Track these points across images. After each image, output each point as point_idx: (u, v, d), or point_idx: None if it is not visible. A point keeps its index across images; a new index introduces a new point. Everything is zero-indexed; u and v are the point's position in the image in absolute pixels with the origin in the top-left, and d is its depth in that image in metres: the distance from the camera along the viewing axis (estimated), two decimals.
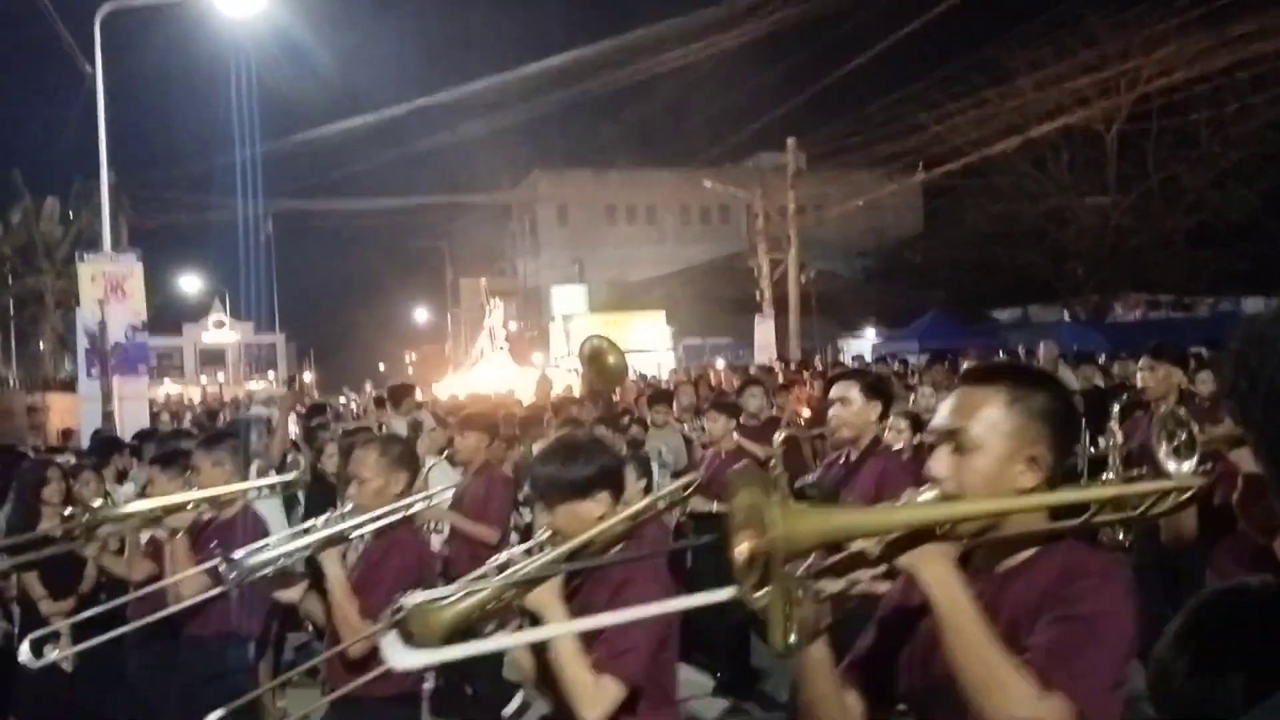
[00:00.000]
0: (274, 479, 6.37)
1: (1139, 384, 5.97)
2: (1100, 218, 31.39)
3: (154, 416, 18.75)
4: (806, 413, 10.28)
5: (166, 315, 46.06)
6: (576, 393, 13.80)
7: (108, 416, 16.36)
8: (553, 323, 31.83)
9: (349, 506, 4.03)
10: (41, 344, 38.56)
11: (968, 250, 33.07)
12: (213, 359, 56.13)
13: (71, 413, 23.05)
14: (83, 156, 21.61)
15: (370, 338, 66.61)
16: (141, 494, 7.09)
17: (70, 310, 26.65)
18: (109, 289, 17.45)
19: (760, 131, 29.25)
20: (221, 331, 56.29)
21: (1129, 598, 1.88)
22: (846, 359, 25.88)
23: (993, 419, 1.97)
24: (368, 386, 18.41)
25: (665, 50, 22.26)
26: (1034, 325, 29.99)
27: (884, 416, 5.07)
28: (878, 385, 5.08)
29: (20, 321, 38.61)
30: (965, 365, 2.23)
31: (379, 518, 3.97)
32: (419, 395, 16.46)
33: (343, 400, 23.07)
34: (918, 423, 6.68)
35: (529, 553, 3.06)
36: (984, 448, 1.95)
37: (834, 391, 5.05)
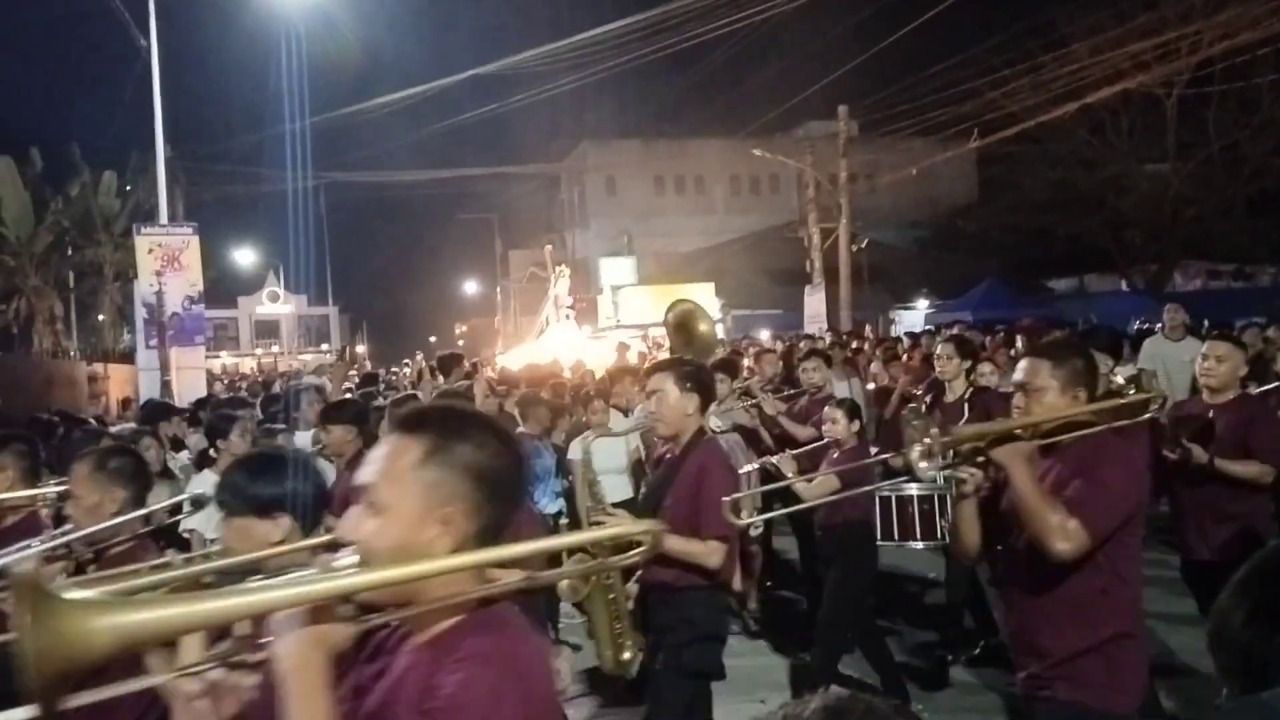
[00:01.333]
0: (50, 488, 5.86)
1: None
2: (1159, 185, 30.71)
3: (210, 386, 19.03)
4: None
5: (222, 287, 46.71)
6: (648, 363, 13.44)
7: (165, 386, 16.70)
8: (601, 295, 31.78)
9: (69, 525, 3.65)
10: (101, 315, 39.36)
11: (1023, 219, 32.50)
12: (267, 331, 56.99)
13: (130, 382, 23.56)
14: (139, 130, 21.93)
15: (421, 310, 67.37)
16: (201, 460, 7.12)
17: (129, 282, 27.14)
18: (166, 261, 17.78)
19: (811, 99, 28.78)
20: (276, 304, 57.03)
21: (506, 680, 1.65)
22: (898, 330, 25.65)
23: (404, 475, 1.74)
24: (419, 357, 18.62)
25: (714, 18, 21.99)
26: (1091, 295, 29.52)
27: (705, 408, 4.68)
28: (696, 375, 4.64)
29: (80, 293, 39.40)
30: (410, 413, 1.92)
31: (108, 534, 3.51)
32: (488, 367, 16.52)
33: (394, 370, 23.29)
34: (854, 411, 6.42)
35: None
36: (393, 507, 1.73)
37: (650, 384, 4.65)
